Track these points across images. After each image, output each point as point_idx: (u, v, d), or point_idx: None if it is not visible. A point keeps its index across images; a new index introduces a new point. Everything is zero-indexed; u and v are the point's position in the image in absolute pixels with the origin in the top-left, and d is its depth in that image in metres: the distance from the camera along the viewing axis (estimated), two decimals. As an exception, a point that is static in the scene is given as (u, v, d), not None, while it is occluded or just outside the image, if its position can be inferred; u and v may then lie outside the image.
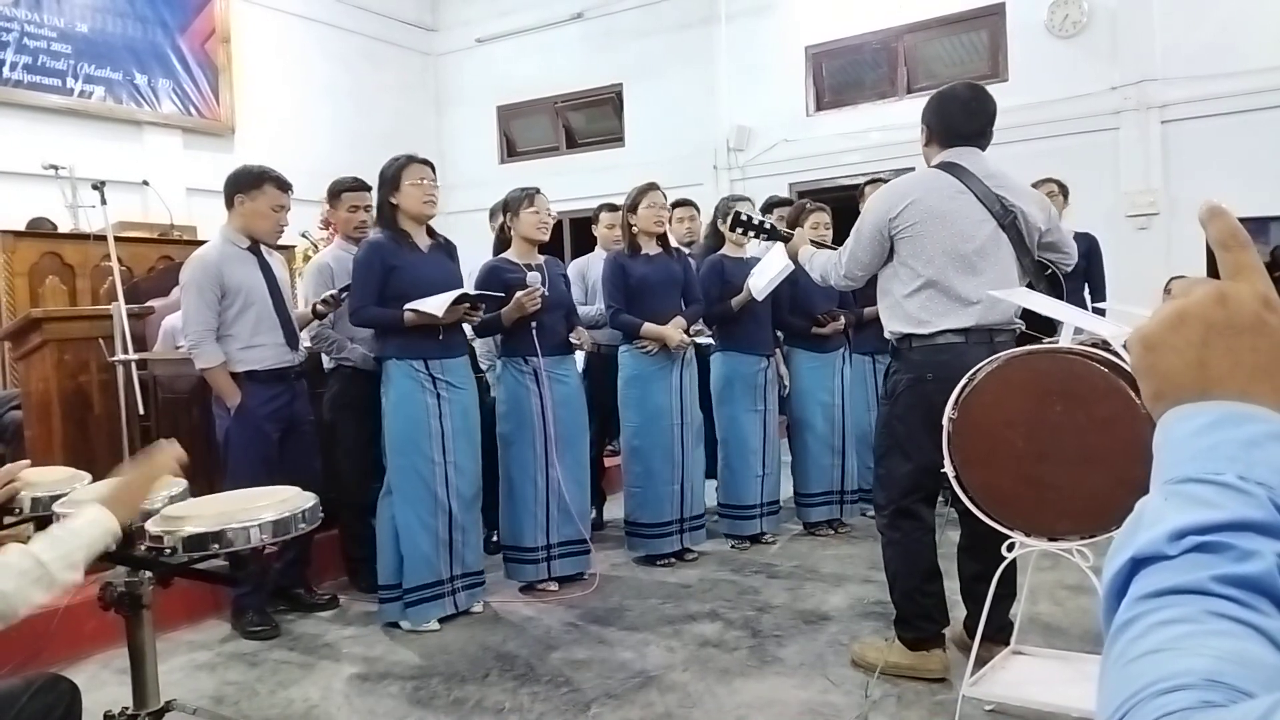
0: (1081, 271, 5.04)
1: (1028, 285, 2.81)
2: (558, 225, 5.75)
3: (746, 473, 4.46)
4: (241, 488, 3.08)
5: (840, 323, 4.59)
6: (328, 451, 3.88)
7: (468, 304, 3.47)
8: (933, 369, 2.70)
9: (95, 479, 2.31)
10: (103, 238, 4.06)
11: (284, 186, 3.61)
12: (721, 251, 4.54)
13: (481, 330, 3.81)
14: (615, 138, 10.13)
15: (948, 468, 2.43)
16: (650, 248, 4.22)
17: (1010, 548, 2.39)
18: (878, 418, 3.04)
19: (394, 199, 3.50)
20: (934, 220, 2.72)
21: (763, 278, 4.16)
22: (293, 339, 3.63)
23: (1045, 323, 2.89)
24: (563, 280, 4.06)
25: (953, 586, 2.90)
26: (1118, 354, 2.29)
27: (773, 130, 8.94)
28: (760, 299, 4.25)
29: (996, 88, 7.67)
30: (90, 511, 1.60)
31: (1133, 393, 2.10)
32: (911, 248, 2.75)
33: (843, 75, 8.86)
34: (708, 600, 3.72)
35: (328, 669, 3.20)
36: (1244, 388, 0.53)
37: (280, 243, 3.94)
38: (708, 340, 4.45)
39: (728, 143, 9.14)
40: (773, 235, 3.34)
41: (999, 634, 2.73)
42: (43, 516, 2.14)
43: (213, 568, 1.96)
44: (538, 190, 3.89)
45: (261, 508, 1.88)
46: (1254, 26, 6.85)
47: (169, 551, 1.76)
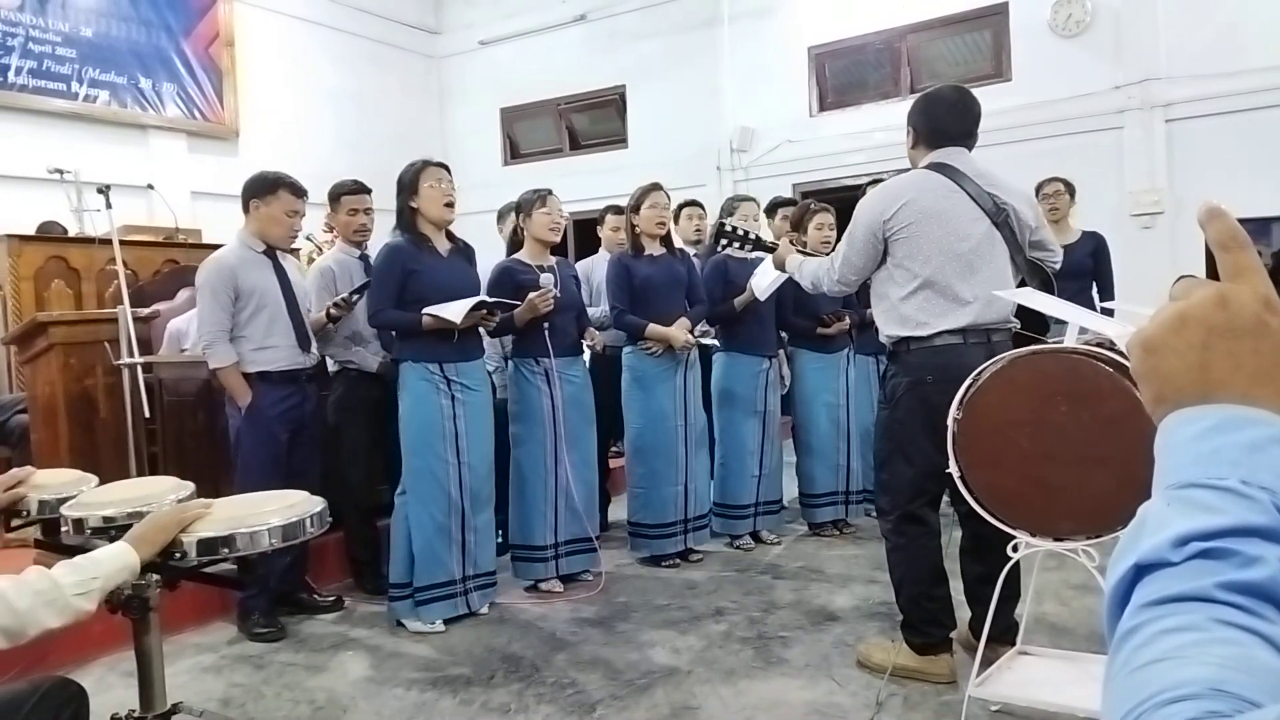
0: (1089, 271, 5.03)
1: (1020, 284, 2.81)
2: (561, 227, 5.74)
3: (742, 473, 4.47)
4: (251, 486, 3.10)
5: (845, 323, 4.58)
6: (332, 454, 3.89)
7: (485, 310, 3.52)
8: (932, 371, 2.68)
9: (102, 482, 2.32)
10: (108, 241, 4.07)
11: (298, 192, 3.66)
12: (725, 252, 4.53)
13: (495, 331, 3.85)
14: (619, 139, 10.12)
15: (953, 468, 2.43)
16: (653, 248, 4.23)
17: (1015, 548, 2.39)
18: (877, 422, 3.03)
19: (413, 203, 3.54)
20: (929, 220, 2.71)
21: (765, 278, 4.16)
22: (305, 341, 3.67)
23: (1037, 322, 2.89)
24: (574, 282, 4.10)
25: (957, 587, 2.89)
26: (1123, 354, 2.28)
27: (776, 131, 8.94)
28: (763, 299, 4.25)
29: (1000, 88, 7.85)
30: (115, 546, 1.63)
31: (1138, 393, 2.10)
32: (907, 248, 2.73)
33: (846, 76, 8.86)
34: (713, 601, 3.72)
35: (333, 671, 3.20)
36: (1246, 391, 0.52)
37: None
38: (713, 341, 4.45)
39: (731, 143, 9.14)
40: (758, 246, 3.35)
41: (1004, 635, 2.72)
42: (49, 519, 2.15)
43: (220, 571, 1.97)
44: (550, 191, 3.92)
45: (270, 512, 1.88)
46: (1258, 25, 6.83)
47: (178, 556, 1.76)
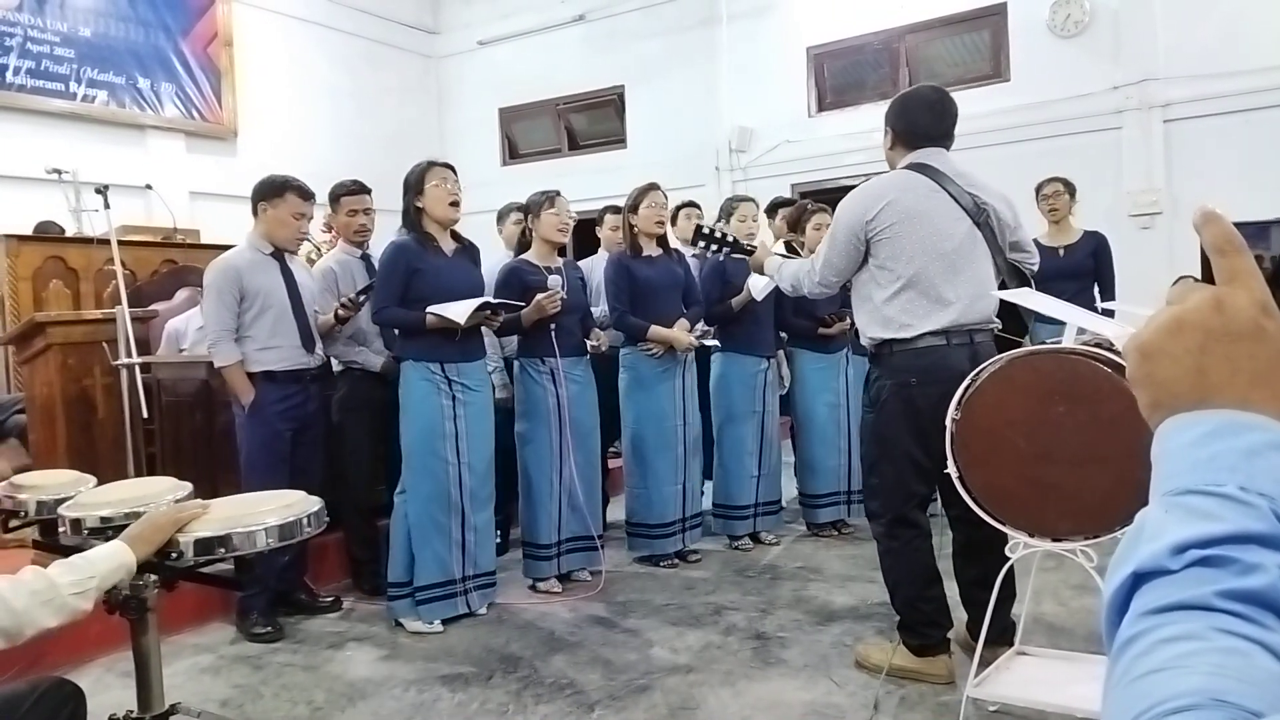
0: (1090, 271, 5.03)
1: (1001, 285, 2.81)
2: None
3: (741, 473, 4.47)
4: (255, 484, 3.12)
5: (846, 323, 4.57)
6: (335, 453, 3.90)
7: (489, 311, 3.54)
8: (915, 373, 2.69)
9: (100, 482, 2.32)
10: (106, 241, 4.07)
11: (306, 195, 3.70)
12: (707, 255, 4.53)
13: (501, 331, 3.86)
14: (617, 139, 10.12)
15: (951, 469, 2.43)
16: (650, 249, 4.24)
17: (1013, 549, 2.39)
18: (864, 426, 3.02)
19: (418, 202, 3.57)
20: (911, 220, 2.70)
21: (762, 279, 4.15)
22: (309, 342, 3.70)
23: (1018, 324, 2.89)
24: (580, 283, 4.12)
25: (951, 587, 2.89)
26: (1121, 354, 2.28)
27: (774, 131, 8.94)
28: (760, 299, 4.25)
29: (998, 88, 7.86)
30: (111, 545, 1.63)
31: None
32: (890, 249, 2.72)
33: (844, 76, 8.86)
34: (712, 601, 3.72)
35: (332, 671, 3.20)
36: (1243, 395, 0.52)
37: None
38: (714, 342, 4.45)
39: (729, 144, 9.14)
40: (735, 249, 3.35)
41: (1002, 636, 2.72)
42: (47, 520, 2.15)
43: (217, 571, 1.97)
44: (558, 193, 3.96)
45: (267, 512, 1.88)
46: (1256, 25, 6.83)
47: (175, 555, 1.76)
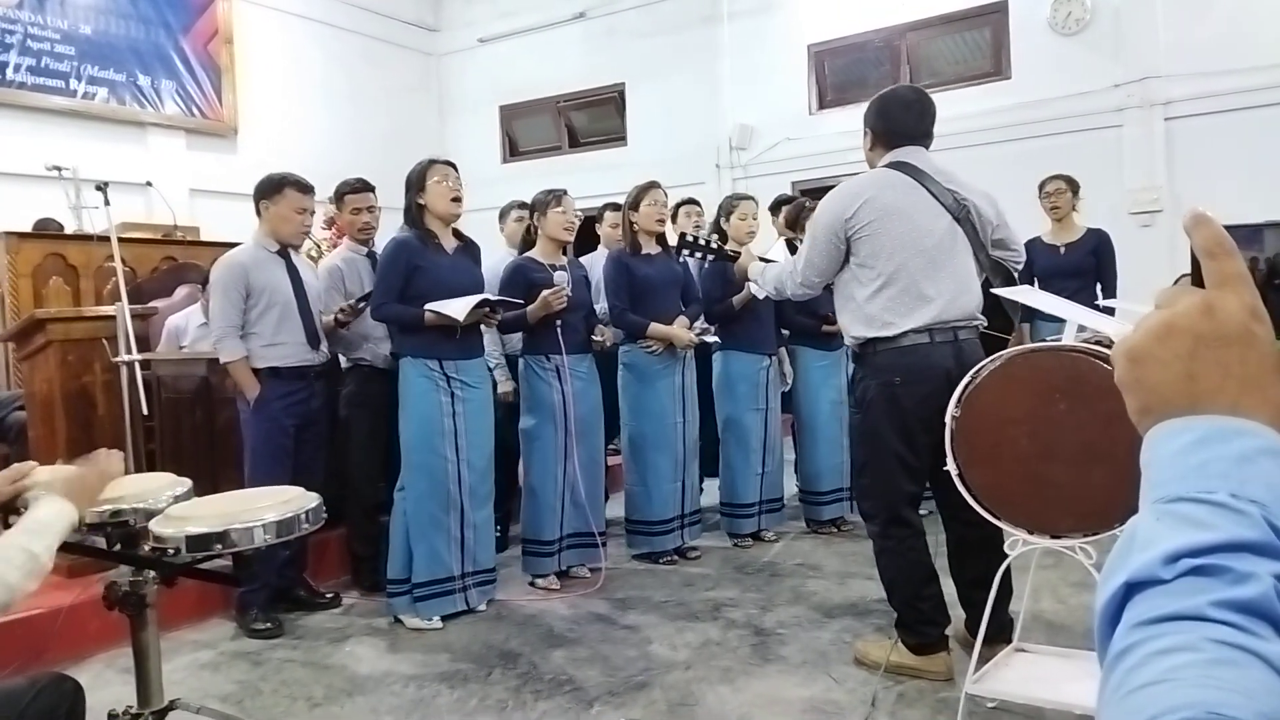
0: (1092, 268, 5.03)
1: (984, 282, 2.80)
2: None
3: (746, 471, 4.47)
4: (260, 479, 3.13)
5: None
6: (340, 448, 3.92)
7: (488, 308, 3.55)
8: (900, 372, 2.69)
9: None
10: (106, 239, 4.06)
11: (304, 189, 3.72)
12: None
13: (506, 328, 3.86)
14: (618, 137, 10.12)
15: (950, 467, 2.43)
16: (650, 246, 4.23)
17: (1012, 546, 2.39)
18: (851, 427, 3.03)
19: (420, 199, 3.58)
20: (891, 217, 2.70)
21: (765, 276, 4.16)
22: (314, 339, 3.73)
23: (1004, 322, 2.88)
24: (584, 281, 4.13)
25: (948, 585, 2.89)
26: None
27: (775, 129, 8.93)
28: (761, 297, 4.25)
29: (999, 85, 7.86)
30: (56, 504, 1.59)
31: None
32: (871, 246, 2.72)
33: (845, 73, 8.85)
34: (711, 598, 3.72)
35: (331, 667, 3.20)
36: (1234, 401, 0.51)
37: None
38: (714, 339, 4.46)
39: (730, 141, 9.13)
40: (719, 256, 3.35)
41: (1000, 633, 2.72)
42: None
43: (216, 567, 1.97)
44: (565, 192, 3.97)
45: (264, 508, 1.89)
46: (1258, 23, 6.82)
47: (173, 551, 1.77)
